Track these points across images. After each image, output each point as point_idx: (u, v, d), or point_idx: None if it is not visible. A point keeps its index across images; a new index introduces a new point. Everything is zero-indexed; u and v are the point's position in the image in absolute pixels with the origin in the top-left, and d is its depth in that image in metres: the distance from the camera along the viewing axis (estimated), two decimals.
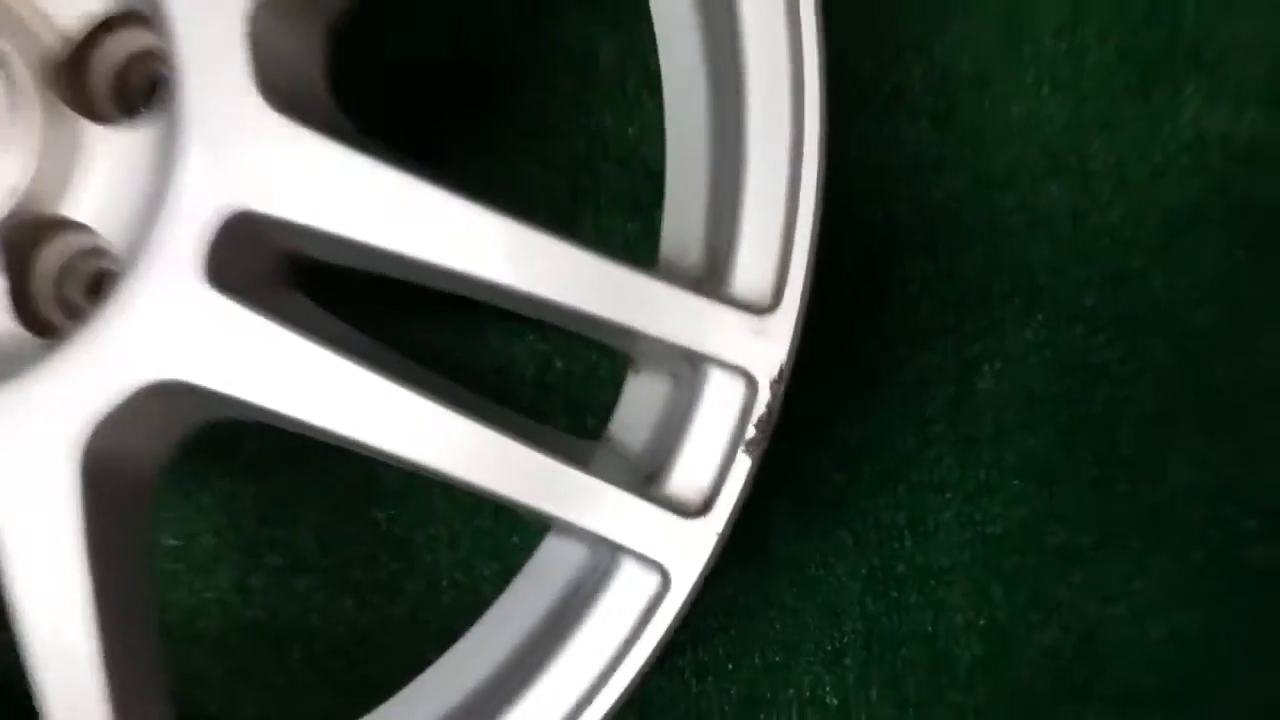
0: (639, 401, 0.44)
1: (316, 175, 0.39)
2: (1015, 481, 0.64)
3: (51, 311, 0.45)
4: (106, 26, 0.43)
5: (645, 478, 0.41)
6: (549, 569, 0.44)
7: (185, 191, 0.39)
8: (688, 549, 0.39)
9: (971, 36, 0.64)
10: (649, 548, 0.39)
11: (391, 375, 0.40)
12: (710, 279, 0.42)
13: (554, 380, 0.63)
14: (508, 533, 0.63)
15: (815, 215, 0.39)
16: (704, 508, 0.39)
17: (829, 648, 0.63)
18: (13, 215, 0.41)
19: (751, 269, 0.40)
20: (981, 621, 0.63)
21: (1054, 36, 0.64)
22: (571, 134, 0.63)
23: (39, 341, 0.43)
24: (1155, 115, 0.64)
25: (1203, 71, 0.64)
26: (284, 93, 0.40)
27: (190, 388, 0.39)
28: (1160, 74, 0.64)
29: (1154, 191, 0.64)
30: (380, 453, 0.40)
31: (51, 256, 0.44)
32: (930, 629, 0.63)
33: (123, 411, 0.39)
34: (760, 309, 0.39)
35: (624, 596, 0.41)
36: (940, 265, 0.63)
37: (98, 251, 0.44)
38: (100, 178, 0.43)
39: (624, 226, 0.63)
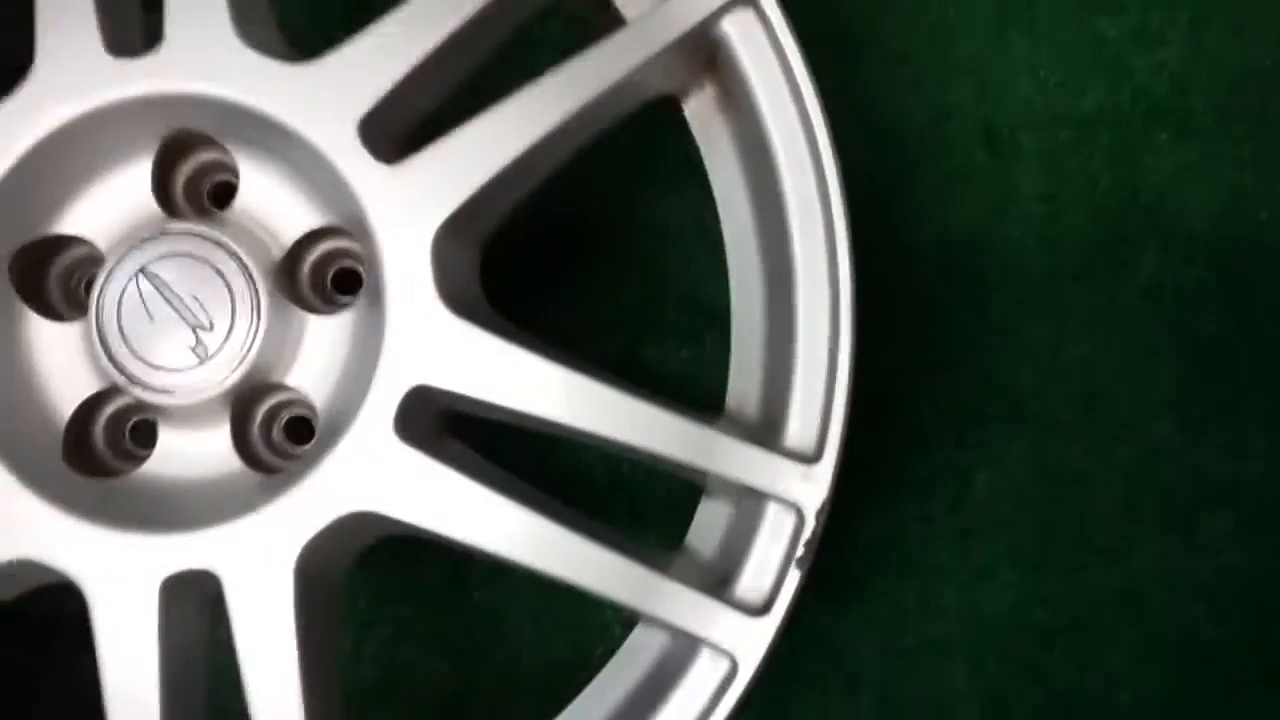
0: (710, 519, 0.57)
1: (473, 359, 0.53)
2: (1005, 568, 0.74)
3: (260, 449, 0.58)
4: (312, 235, 0.57)
5: (718, 582, 0.54)
6: (638, 654, 0.57)
7: (384, 371, 0.52)
8: (753, 641, 0.52)
9: (966, 206, 0.77)
10: (722, 640, 0.52)
11: (523, 500, 0.53)
12: (767, 429, 0.55)
13: (621, 480, 0.75)
14: (582, 611, 0.75)
15: (849, 391, 0.53)
16: (765, 608, 0.53)
17: (850, 710, 0.74)
18: (243, 381, 0.55)
19: (800, 430, 0.53)
20: (978, 688, 0.73)
21: (1037, 200, 0.77)
22: (637, 279, 0.76)
23: (256, 475, 0.56)
24: (1120, 265, 0.77)
25: (1158, 231, 0.77)
26: (453, 294, 0.53)
27: (380, 516, 0.53)
28: (1123, 232, 0.77)
29: (1119, 328, 0.76)
30: (516, 564, 0.53)
31: (263, 408, 0.58)
32: (935, 694, 0.73)
33: (329, 533, 0.53)
34: (808, 459, 0.53)
35: (701, 679, 0.53)
36: (942, 389, 0.75)
37: (299, 404, 0.58)
38: (309, 353, 0.56)
39: (680, 353, 0.76)
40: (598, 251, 0.77)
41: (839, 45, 0.76)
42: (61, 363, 0.57)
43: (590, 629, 0.73)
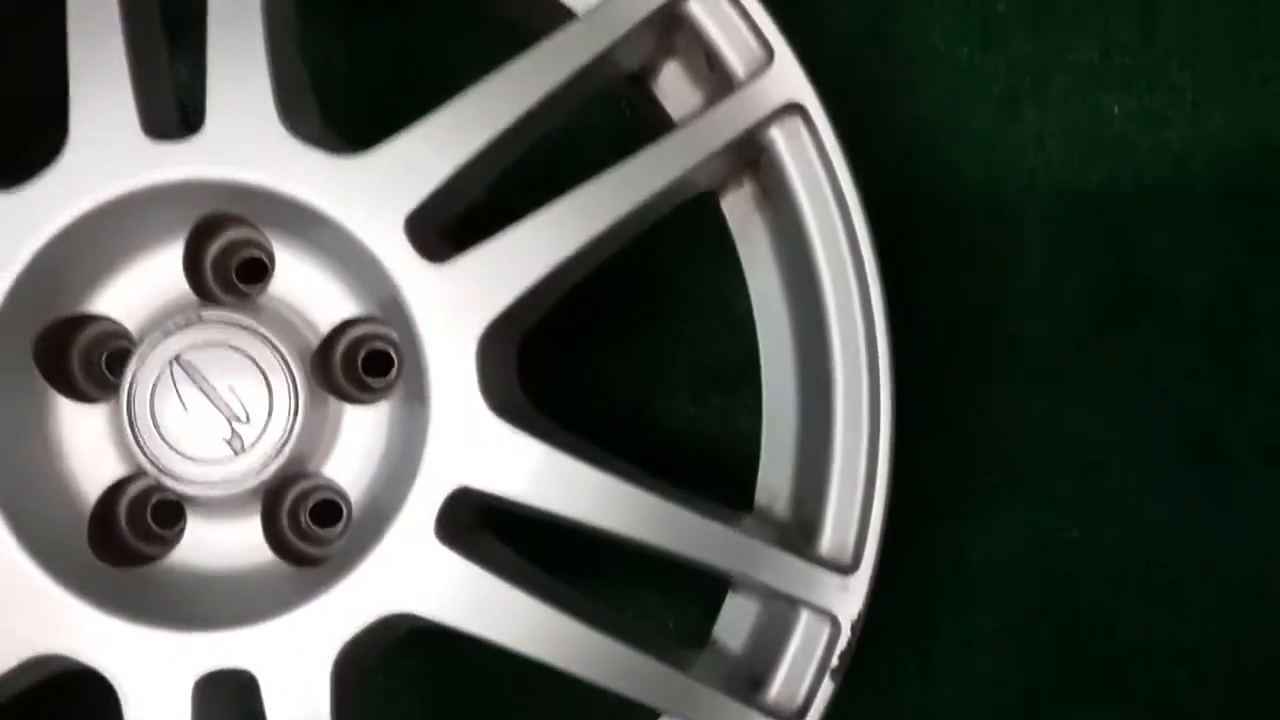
0: (739, 616, 0.58)
1: (515, 462, 0.53)
2: (998, 637, 0.77)
3: (290, 536, 0.57)
4: (346, 323, 0.57)
5: (747, 683, 0.55)
6: None
7: (427, 472, 0.52)
8: None
9: (968, 272, 0.78)
10: None
11: (554, 603, 0.53)
12: (801, 532, 0.56)
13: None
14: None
15: (886, 501, 0.54)
16: (799, 715, 0.53)
17: None
18: (279, 474, 0.54)
19: (835, 538, 0.54)
20: None
21: (1038, 270, 0.79)
22: (649, 337, 0.77)
23: (288, 567, 0.56)
24: (1117, 340, 0.79)
25: (1154, 309, 0.79)
26: (496, 394, 0.53)
27: (416, 617, 0.53)
28: (1120, 308, 0.79)
29: (1114, 402, 0.79)
30: (545, 664, 0.53)
31: (292, 494, 0.58)
32: None
33: (366, 633, 0.52)
34: (844, 568, 0.54)
35: None
36: (940, 455, 0.76)
37: (326, 488, 0.57)
38: (345, 444, 0.56)
39: (687, 409, 0.77)
40: (612, 308, 0.77)
41: (853, 109, 0.77)
42: (87, 446, 0.56)
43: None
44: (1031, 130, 0.78)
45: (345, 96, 0.75)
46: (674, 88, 0.59)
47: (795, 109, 0.55)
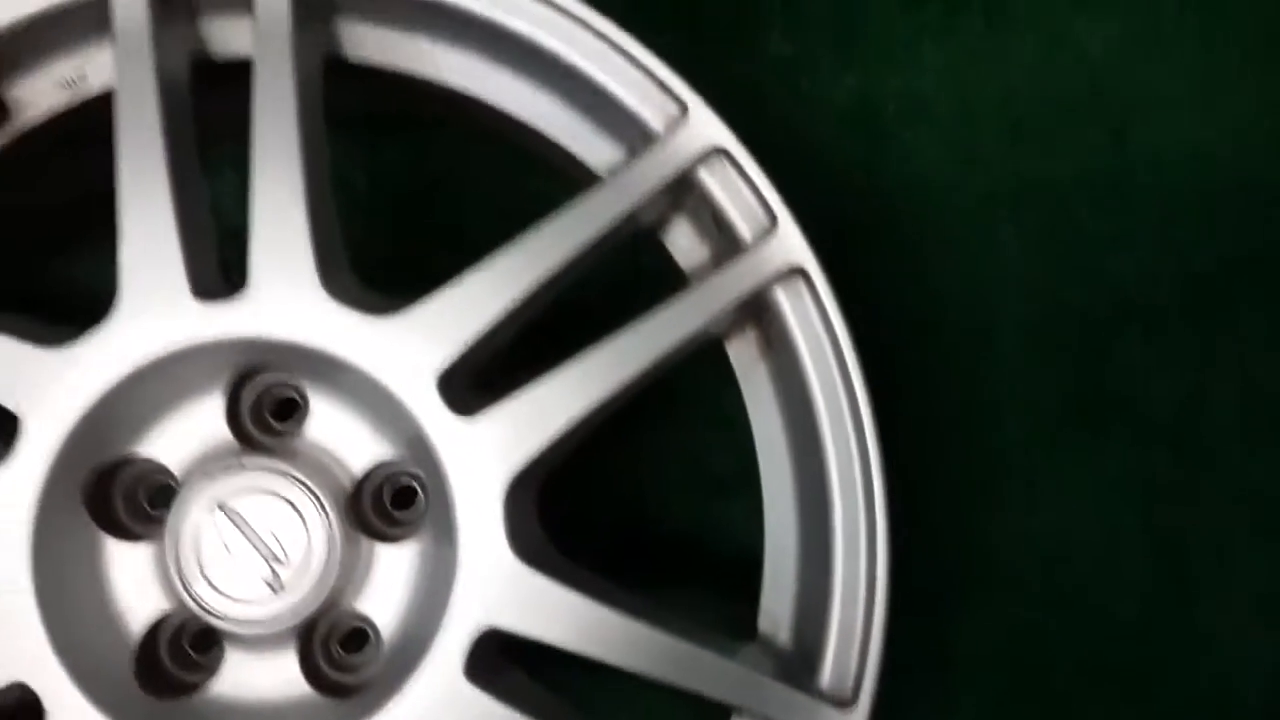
0: None
1: (539, 605, 0.57)
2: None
3: (323, 667, 0.61)
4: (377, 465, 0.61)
5: None
6: None
7: (456, 613, 0.56)
8: None
9: (950, 381, 0.83)
10: None
11: None
12: (802, 664, 0.60)
13: None
14: None
15: (883, 638, 0.58)
16: None
17: None
18: (316, 612, 0.58)
19: (835, 670, 0.58)
20: None
21: (1017, 379, 0.83)
22: (650, 442, 0.81)
23: (323, 699, 0.59)
24: (1089, 444, 0.84)
25: (1124, 418, 0.84)
26: (519, 539, 0.57)
27: None
28: (1092, 415, 0.84)
29: (1086, 510, 0.83)
30: None
31: (324, 627, 0.61)
32: None
33: None
34: (843, 702, 0.58)
35: None
36: (926, 556, 0.80)
37: (355, 617, 0.61)
38: (377, 581, 0.60)
39: (683, 515, 0.81)
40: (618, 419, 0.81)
41: (840, 235, 0.82)
42: (132, 583, 0.60)
43: None
44: (1012, 254, 0.84)
45: (366, 216, 0.80)
46: (682, 240, 0.64)
47: (798, 272, 0.59)
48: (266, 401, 0.62)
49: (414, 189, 0.81)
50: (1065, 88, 0.84)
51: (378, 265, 0.68)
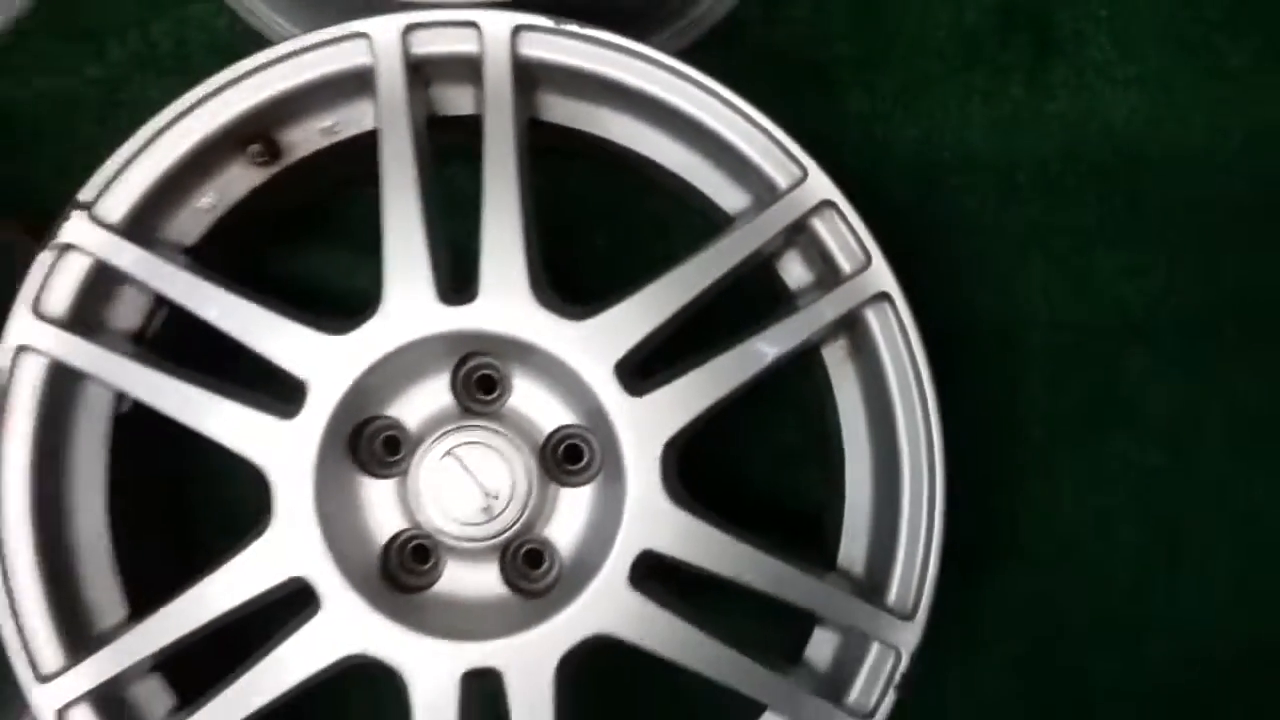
0: (823, 644, 0.82)
1: (682, 533, 0.77)
2: (1001, 676, 1.01)
3: (514, 577, 0.82)
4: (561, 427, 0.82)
5: (831, 693, 0.79)
6: None
7: (623, 540, 0.77)
8: None
9: (980, 385, 1.02)
10: None
11: (702, 627, 0.77)
12: (873, 587, 0.81)
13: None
14: None
15: (937, 572, 0.78)
16: (870, 714, 0.78)
17: None
18: (515, 534, 0.79)
19: (900, 593, 0.79)
20: None
21: (1039, 385, 1.03)
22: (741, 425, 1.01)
23: (515, 597, 0.80)
24: (1098, 442, 1.01)
25: (1128, 421, 1.02)
26: (669, 486, 0.78)
27: (610, 637, 0.77)
28: (1102, 419, 1.02)
29: (1094, 499, 1.01)
30: (695, 671, 0.77)
31: (520, 546, 0.82)
32: None
33: (578, 646, 0.77)
34: (905, 616, 0.78)
35: None
36: (960, 532, 0.99)
37: (534, 541, 0.82)
38: (560, 515, 0.81)
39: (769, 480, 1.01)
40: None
41: (896, 262, 0.99)
42: (378, 508, 0.81)
43: None
44: (1040, 277, 1.02)
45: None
46: (794, 269, 0.84)
47: (884, 296, 0.79)
48: (475, 378, 0.83)
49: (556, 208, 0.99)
50: (1092, 147, 1.02)
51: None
